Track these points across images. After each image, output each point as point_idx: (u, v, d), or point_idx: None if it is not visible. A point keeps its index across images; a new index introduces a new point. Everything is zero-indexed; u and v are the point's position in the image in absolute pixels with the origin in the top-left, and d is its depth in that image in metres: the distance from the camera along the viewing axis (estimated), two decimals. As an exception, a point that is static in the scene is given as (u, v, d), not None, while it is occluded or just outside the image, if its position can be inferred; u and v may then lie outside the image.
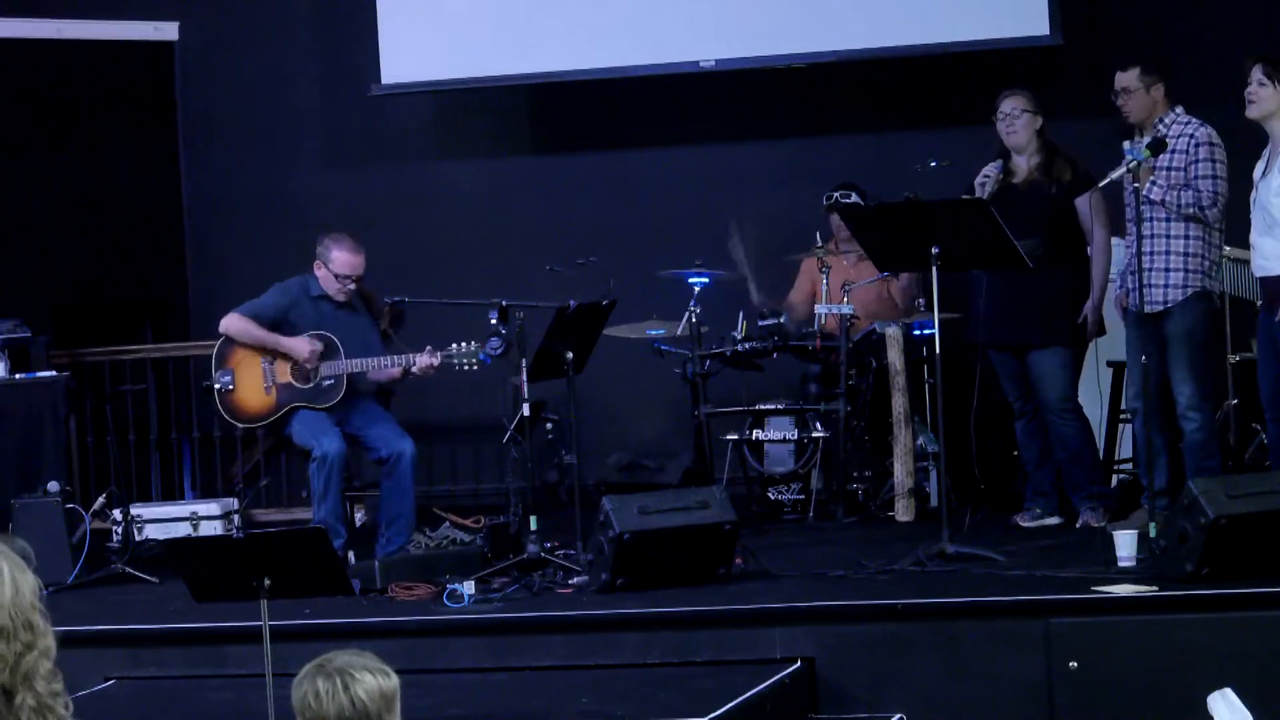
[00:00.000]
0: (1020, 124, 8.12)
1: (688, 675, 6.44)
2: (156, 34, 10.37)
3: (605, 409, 9.65)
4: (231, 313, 8.31)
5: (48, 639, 3.21)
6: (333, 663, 3.56)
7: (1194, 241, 7.65)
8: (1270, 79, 7.27)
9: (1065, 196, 8.09)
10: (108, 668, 7.04)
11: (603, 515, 7.07)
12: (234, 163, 10.63)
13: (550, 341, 7.71)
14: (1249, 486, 6.70)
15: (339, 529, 8.12)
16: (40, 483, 8.43)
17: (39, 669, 3.15)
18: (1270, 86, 7.28)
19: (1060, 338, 8.09)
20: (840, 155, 9.87)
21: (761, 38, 9.74)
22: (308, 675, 3.56)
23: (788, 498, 8.91)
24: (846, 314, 8.75)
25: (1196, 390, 7.67)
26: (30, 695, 3.10)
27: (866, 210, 8.50)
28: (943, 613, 6.53)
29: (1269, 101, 7.29)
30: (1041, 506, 8.24)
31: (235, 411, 8.33)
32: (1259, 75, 7.27)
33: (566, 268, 8.51)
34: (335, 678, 3.52)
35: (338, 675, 3.52)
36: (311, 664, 3.59)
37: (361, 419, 8.28)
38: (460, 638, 6.90)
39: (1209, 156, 7.62)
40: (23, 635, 3.12)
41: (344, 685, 3.51)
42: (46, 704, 3.12)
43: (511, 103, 10.56)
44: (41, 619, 3.18)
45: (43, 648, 3.18)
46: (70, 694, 3.18)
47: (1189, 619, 6.29)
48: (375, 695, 3.52)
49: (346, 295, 8.27)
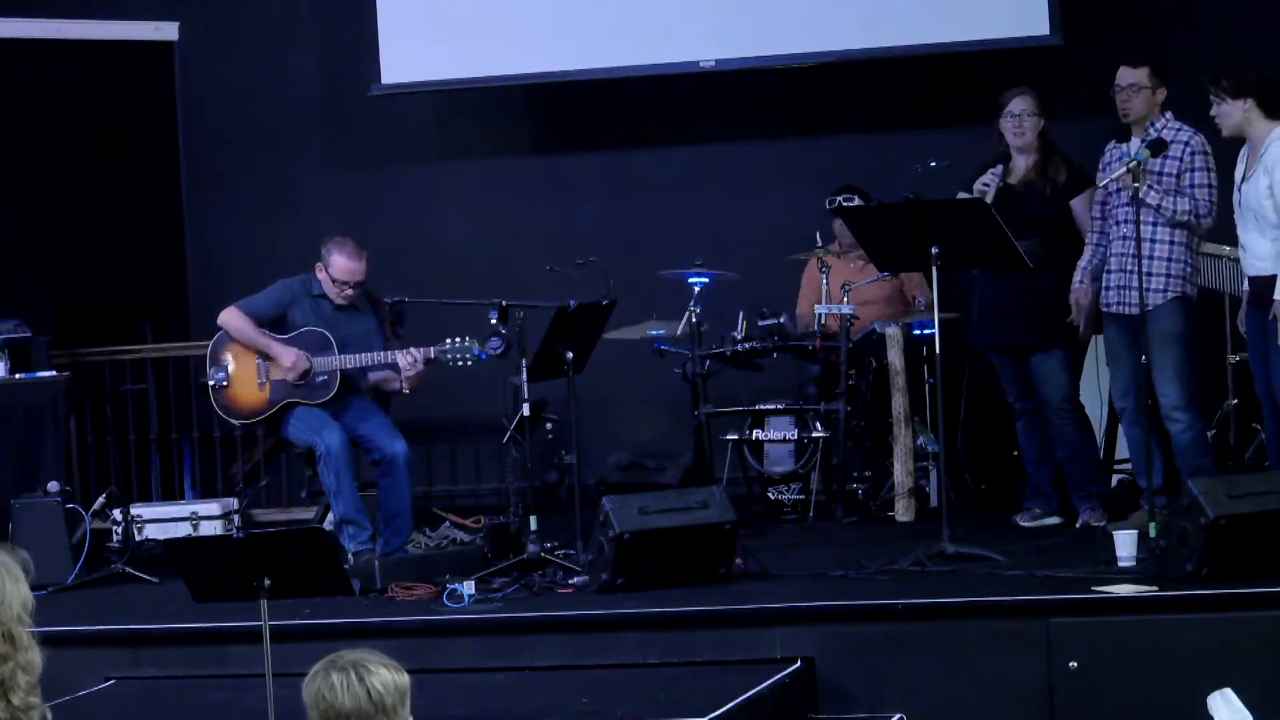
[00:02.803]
0: (1029, 125, 8.12)
1: (688, 675, 6.44)
2: (156, 34, 10.37)
3: (605, 409, 9.65)
4: (231, 307, 8.28)
5: (29, 653, 3.20)
6: (345, 658, 3.54)
7: (1177, 247, 7.68)
8: (1222, 95, 7.34)
9: (1061, 197, 8.10)
10: (108, 668, 7.04)
11: (603, 515, 7.08)
12: (234, 163, 10.63)
13: (550, 341, 7.71)
14: (1249, 486, 6.70)
15: (363, 521, 8.02)
16: (40, 483, 8.43)
17: (17, 681, 3.15)
18: (1226, 102, 7.35)
19: (1058, 339, 8.09)
20: (840, 155, 9.88)
21: (761, 38, 9.74)
22: (320, 671, 3.54)
23: (788, 498, 8.91)
24: (846, 314, 8.75)
25: (1180, 391, 7.68)
26: (2, 707, 3.10)
27: (866, 210, 8.50)
28: (943, 613, 6.53)
29: (1233, 115, 7.38)
30: (1041, 506, 8.24)
31: (230, 408, 8.30)
32: (1212, 98, 7.36)
33: (566, 268, 8.50)
34: (349, 671, 3.51)
35: (352, 669, 3.51)
36: (323, 661, 3.57)
37: (355, 418, 8.24)
38: (460, 638, 6.91)
39: (1204, 165, 7.65)
40: (1, 646, 3.12)
41: (359, 678, 3.50)
42: (17, 718, 3.12)
43: (511, 103, 10.56)
44: (26, 633, 3.17)
45: (23, 661, 3.17)
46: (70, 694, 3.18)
47: (1189, 619, 6.29)
48: (390, 688, 3.51)
49: (345, 300, 8.25)
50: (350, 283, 8.18)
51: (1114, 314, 7.79)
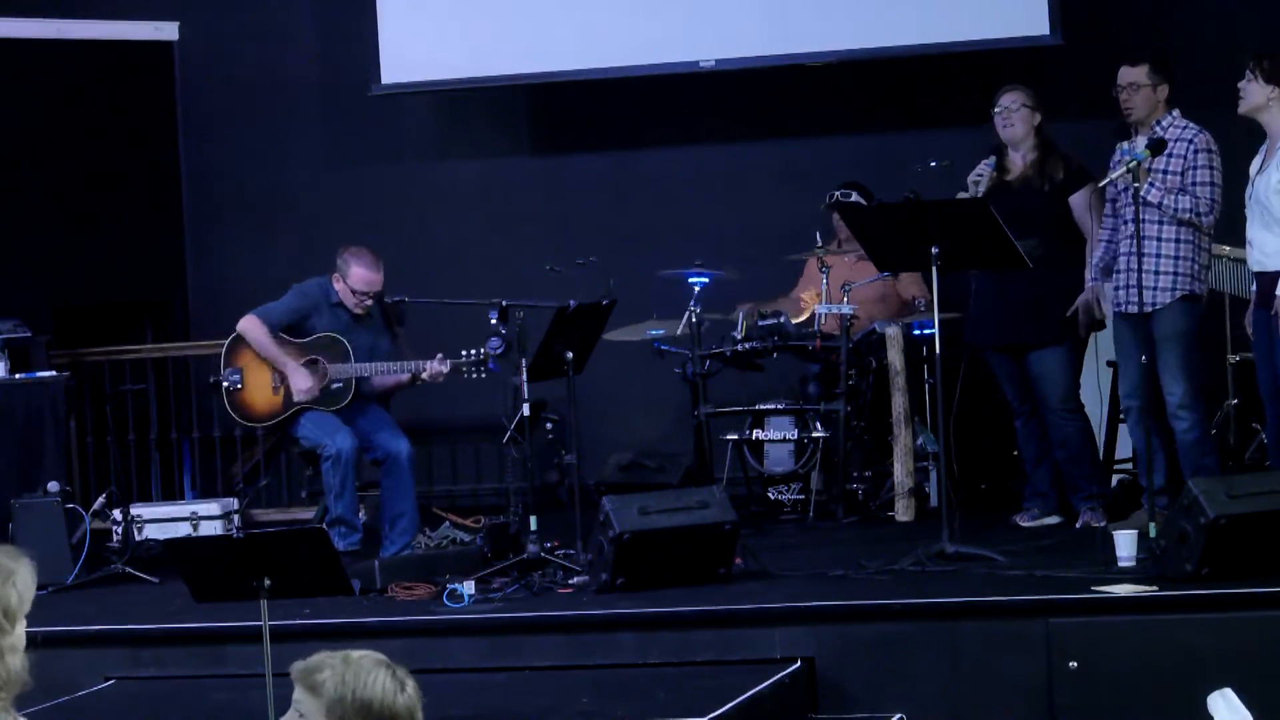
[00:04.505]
0: (1018, 118, 8.13)
1: (688, 675, 6.44)
2: (156, 34, 10.36)
3: (605, 409, 9.65)
4: (250, 314, 8.34)
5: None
6: (382, 658, 3.48)
7: (1185, 245, 7.67)
8: (1256, 74, 7.33)
9: (1060, 194, 8.10)
10: (108, 668, 7.04)
11: (603, 515, 7.08)
12: (234, 163, 10.63)
13: (550, 341, 7.71)
14: (1249, 486, 6.70)
15: (357, 524, 8.21)
16: (40, 483, 8.43)
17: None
18: (1256, 81, 7.34)
19: (1058, 337, 8.09)
20: (840, 155, 9.87)
21: (761, 38, 9.74)
22: (368, 666, 3.44)
23: (788, 498, 8.91)
24: (846, 314, 8.75)
25: (1187, 390, 7.68)
26: None
27: (866, 210, 8.50)
28: (943, 613, 6.53)
29: (1255, 96, 7.37)
30: (1039, 507, 8.24)
31: (243, 411, 8.37)
32: (1246, 72, 7.34)
33: (566, 268, 8.50)
34: (394, 670, 3.46)
35: (395, 670, 3.46)
36: (365, 658, 3.45)
37: (365, 421, 8.31)
38: (460, 638, 6.91)
39: (1208, 163, 7.65)
40: None
41: (402, 684, 3.46)
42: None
43: (511, 103, 10.56)
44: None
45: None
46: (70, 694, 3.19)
47: (1189, 619, 6.29)
48: (417, 697, 3.49)
49: (363, 309, 8.31)
50: (369, 293, 8.26)
51: (1122, 313, 7.79)
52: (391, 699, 3.41)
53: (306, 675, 3.43)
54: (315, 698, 3.41)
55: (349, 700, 3.40)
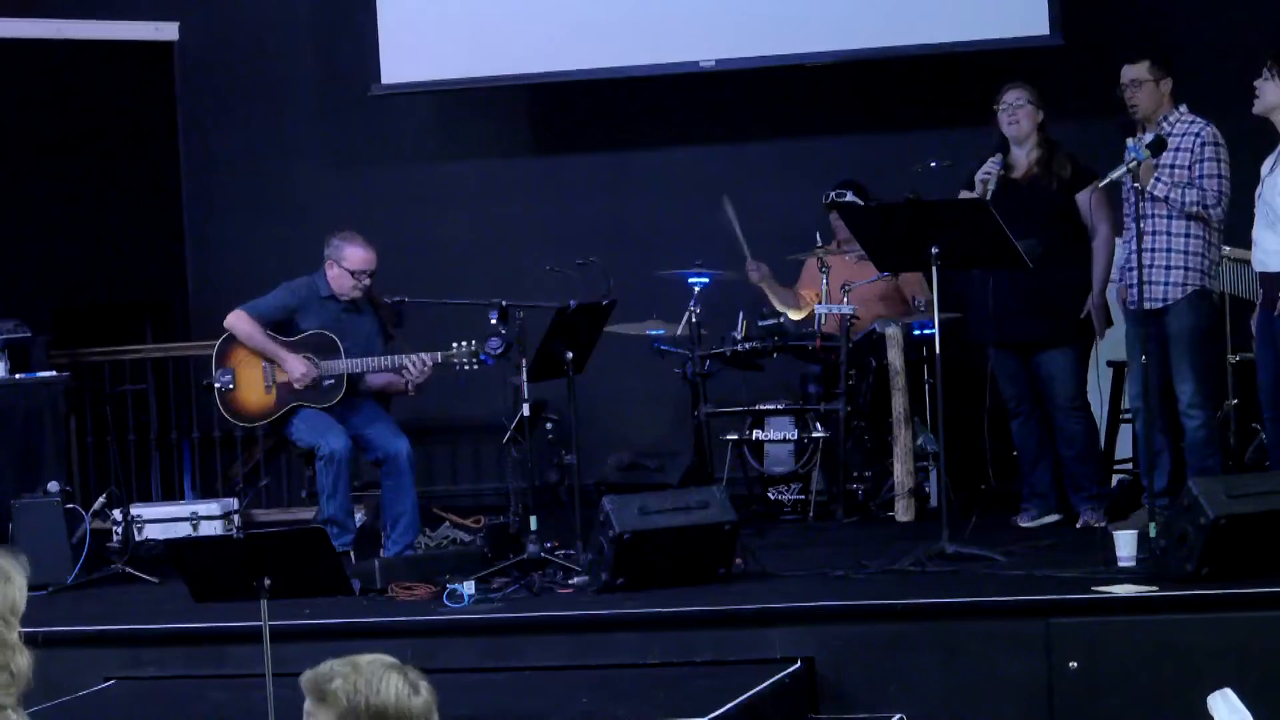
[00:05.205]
0: (1023, 114, 8.13)
1: (688, 675, 6.44)
2: (156, 34, 10.37)
3: (605, 409, 9.65)
4: (237, 310, 8.31)
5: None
6: (395, 661, 3.43)
7: (1194, 240, 7.66)
8: (1274, 73, 7.29)
9: (1066, 192, 8.10)
10: (108, 668, 7.03)
11: (603, 515, 7.07)
12: (234, 163, 10.63)
13: (550, 341, 7.71)
14: (1249, 486, 6.70)
15: (349, 524, 8.19)
16: (40, 483, 8.43)
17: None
18: (1273, 80, 7.30)
19: (1068, 336, 8.09)
20: (840, 155, 9.87)
21: (761, 38, 9.74)
22: (379, 671, 3.35)
23: (788, 498, 8.91)
24: (846, 314, 8.75)
25: (1198, 388, 7.68)
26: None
27: (866, 210, 8.50)
28: (943, 613, 6.53)
29: (1272, 96, 7.32)
30: (1038, 507, 8.24)
31: (236, 411, 8.35)
32: (1265, 71, 7.30)
33: (566, 268, 8.50)
34: (408, 673, 3.41)
35: (407, 672, 3.41)
36: (374, 662, 3.38)
37: (359, 419, 8.29)
38: (460, 638, 6.90)
39: (1214, 156, 7.63)
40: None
41: (414, 686, 3.42)
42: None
43: (511, 103, 10.56)
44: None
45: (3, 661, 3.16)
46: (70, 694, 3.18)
47: (1189, 619, 6.28)
48: (432, 698, 3.44)
49: (361, 291, 8.28)
50: (368, 271, 8.24)
51: (1132, 311, 7.77)
52: (406, 702, 3.34)
53: (316, 686, 3.32)
54: (327, 708, 3.30)
55: (363, 708, 3.30)
